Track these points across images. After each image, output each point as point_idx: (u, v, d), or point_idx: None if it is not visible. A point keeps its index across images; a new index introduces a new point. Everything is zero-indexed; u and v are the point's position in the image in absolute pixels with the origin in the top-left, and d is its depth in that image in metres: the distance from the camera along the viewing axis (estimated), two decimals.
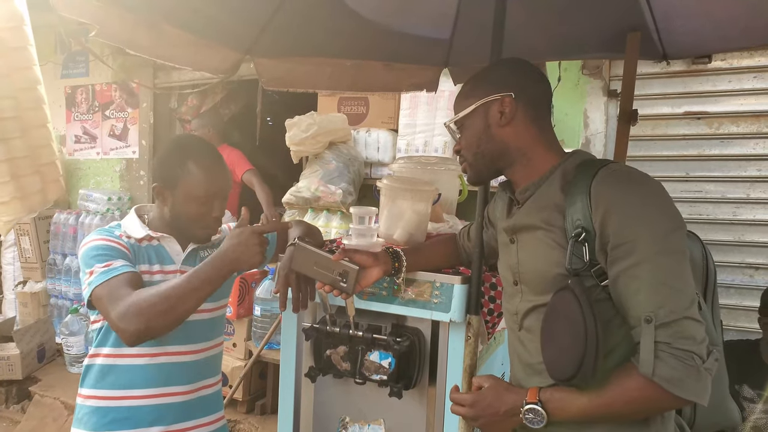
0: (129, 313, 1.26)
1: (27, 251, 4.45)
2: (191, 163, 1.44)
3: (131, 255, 1.42)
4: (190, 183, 1.44)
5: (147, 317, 1.26)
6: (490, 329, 1.52)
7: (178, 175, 1.44)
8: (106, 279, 1.33)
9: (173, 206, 1.47)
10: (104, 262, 1.36)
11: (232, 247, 1.33)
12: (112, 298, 1.29)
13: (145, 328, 1.26)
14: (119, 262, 1.37)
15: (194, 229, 1.49)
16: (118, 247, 1.41)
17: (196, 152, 1.47)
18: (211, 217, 1.48)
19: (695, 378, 0.94)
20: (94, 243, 1.41)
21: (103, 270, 1.34)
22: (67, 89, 4.78)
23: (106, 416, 1.43)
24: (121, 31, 1.52)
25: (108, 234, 1.45)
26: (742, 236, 2.74)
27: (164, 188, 1.47)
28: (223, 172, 1.51)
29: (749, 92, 2.70)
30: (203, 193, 1.44)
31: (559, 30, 1.95)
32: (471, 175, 1.24)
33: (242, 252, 1.32)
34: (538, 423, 1.05)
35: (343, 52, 2.10)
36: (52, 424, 3.42)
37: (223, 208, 1.51)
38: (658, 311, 0.95)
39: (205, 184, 1.44)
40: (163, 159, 1.49)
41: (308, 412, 1.68)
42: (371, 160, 3.43)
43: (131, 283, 1.33)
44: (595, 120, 2.97)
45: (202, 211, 1.46)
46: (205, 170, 1.45)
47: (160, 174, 1.48)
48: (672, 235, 0.99)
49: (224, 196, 1.51)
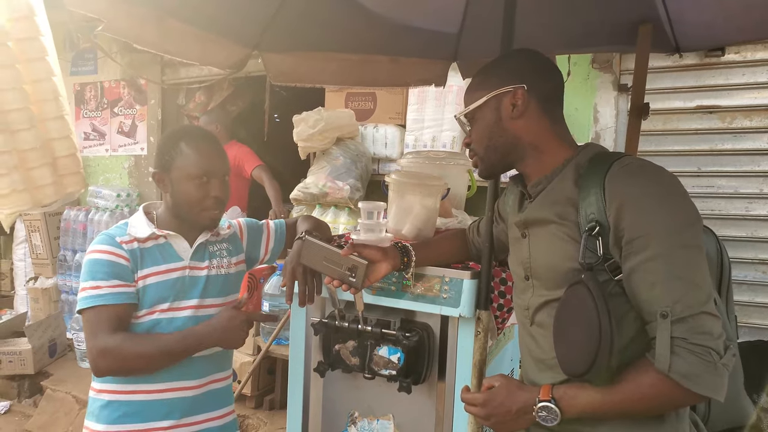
0: (108, 355, 1.36)
1: (38, 247, 4.48)
2: (183, 144, 1.46)
3: (131, 264, 1.43)
4: (183, 163, 1.45)
5: (123, 367, 1.39)
6: (500, 324, 1.51)
7: (173, 157, 1.46)
8: (91, 305, 1.39)
9: (173, 191, 1.48)
10: (95, 281, 1.40)
11: (221, 330, 1.42)
12: (93, 330, 1.38)
13: (117, 373, 1.42)
14: (110, 284, 1.40)
15: (195, 213, 1.48)
16: (116, 260, 1.42)
17: (187, 134, 1.49)
18: (210, 198, 1.46)
19: (712, 373, 0.92)
20: (92, 256, 1.43)
21: (92, 294, 1.39)
22: (76, 86, 4.81)
23: (118, 410, 1.45)
24: (129, 25, 1.52)
25: (110, 243, 1.44)
26: (755, 232, 2.70)
27: (162, 173, 1.49)
28: (217, 152, 1.50)
29: (763, 86, 2.66)
30: (197, 171, 1.44)
31: (569, 22, 1.93)
32: (482, 169, 1.22)
33: (229, 336, 1.44)
34: (552, 420, 1.04)
35: (350, 47, 2.08)
36: (63, 418, 3.45)
37: (222, 190, 1.49)
38: (675, 306, 0.94)
39: (198, 161, 1.45)
40: (159, 146, 1.51)
41: (317, 407, 1.68)
42: (379, 156, 3.42)
43: (116, 316, 1.39)
44: (605, 115, 2.94)
45: (200, 192, 1.45)
46: (197, 149, 1.46)
47: (157, 161, 1.50)
48: (688, 229, 0.98)
49: (221, 176, 1.49)
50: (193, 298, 1.49)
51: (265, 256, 1.73)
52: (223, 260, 1.57)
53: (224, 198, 1.50)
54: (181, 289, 1.47)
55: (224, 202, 1.51)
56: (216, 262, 1.55)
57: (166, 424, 1.46)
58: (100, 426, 1.45)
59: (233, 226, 1.67)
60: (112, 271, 1.41)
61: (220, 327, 1.43)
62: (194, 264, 1.51)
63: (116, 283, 1.41)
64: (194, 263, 1.51)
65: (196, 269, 1.51)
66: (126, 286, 1.42)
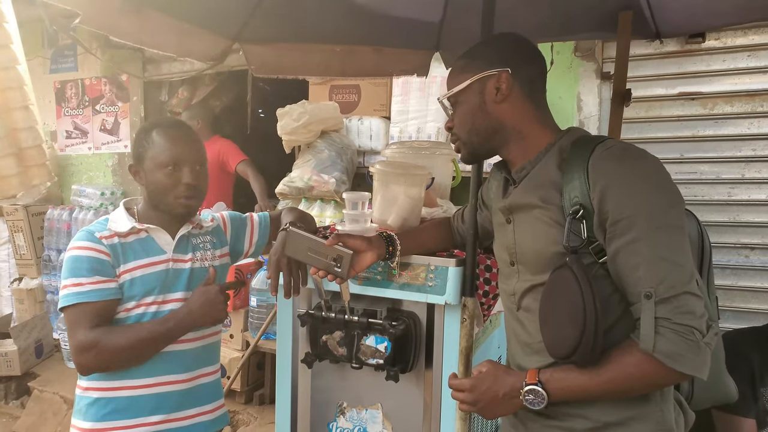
0: (91, 351, 1.35)
1: (21, 248, 4.42)
2: (154, 134, 1.47)
3: (112, 259, 1.42)
4: (154, 151, 1.45)
5: (106, 361, 1.38)
6: (486, 311, 1.52)
7: (144, 147, 1.46)
8: (73, 303, 1.38)
9: (146, 182, 1.47)
10: (77, 278, 1.39)
11: (198, 306, 1.42)
12: (75, 328, 1.37)
13: (102, 368, 1.40)
14: (91, 281, 1.39)
15: (168, 201, 1.46)
16: (96, 256, 1.41)
17: (159, 125, 1.50)
18: (182, 185, 1.45)
19: (695, 353, 0.93)
20: (72, 253, 1.42)
21: (73, 292, 1.39)
22: (56, 84, 4.73)
23: (106, 407, 1.43)
24: (105, 17, 1.49)
25: (89, 239, 1.43)
26: (737, 217, 2.73)
27: (136, 165, 1.49)
28: (187, 139, 1.49)
29: (743, 71, 2.68)
30: (167, 158, 1.44)
31: (550, 10, 1.93)
32: (464, 154, 1.22)
33: (208, 311, 1.43)
34: (539, 404, 1.05)
35: (333, 37, 2.07)
36: (52, 418, 3.42)
37: (195, 177, 1.46)
38: (658, 287, 0.95)
39: (167, 149, 1.44)
40: (134, 139, 1.52)
41: (306, 398, 1.68)
42: (364, 148, 3.40)
43: (97, 313, 1.38)
44: (588, 103, 2.96)
45: (170, 179, 1.44)
46: (167, 137, 1.46)
47: (132, 154, 1.51)
48: (671, 210, 0.98)
49: (192, 163, 1.46)
50: (178, 291, 1.48)
51: (249, 248, 1.72)
52: (207, 252, 1.56)
53: (198, 185, 1.47)
54: (166, 282, 1.46)
55: (199, 189, 1.48)
56: (200, 255, 1.54)
57: (155, 419, 1.45)
58: (87, 423, 1.44)
59: (216, 219, 1.66)
60: (92, 267, 1.40)
61: (198, 303, 1.42)
62: (177, 257, 1.49)
63: (97, 279, 1.39)
64: (177, 256, 1.50)
65: (179, 262, 1.50)
66: (107, 281, 1.41)
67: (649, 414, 1.05)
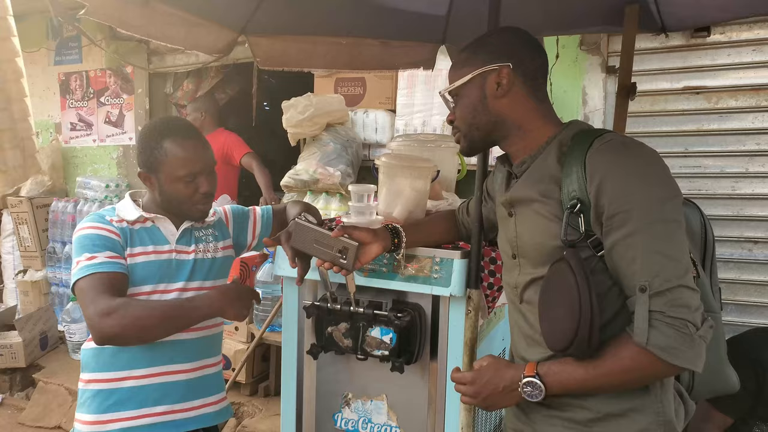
0: (115, 314, 1.30)
1: (26, 240, 4.44)
2: (168, 143, 1.43)
3: (122, 240, 1.43)
4: (170, 164, 1.43)
5: (127, 327, 1.31)
6: (490, 303, 1.53)
7: (157, 158, 1.43)
8: (88, 273, 1.35)
9: (161, 190, 1.47)
10: (90, 253, 1.38)
11: (231, 297, 1.40)
12: (93, 294, 1.33)
13: (120, 336, 1.33)
14: (104, 255, 1.38)
15: (185, 209, 1.49)
16: (107, 234, 1.42)
17: (170, 132, 1.45)
18: (200, 194, 1.47)
19: (689, 346, 0.94)
20: (83, 232, 1.42)
21: (87, 264, 1.36)
22: (60, 76, 4.74)
23: (109, 398, 1.44)
24: (112, 9, 1.50)
25: (99, 220, 1.45)
26: (741, 210, 2.74)
27: (148, 173, 1.47)
28: (201, 147, 1.48)
29: (748, 65, 2.68)
30: (185, 172, 1.43)
31: (557, 4, 1.93)
32: (464, 146, 1.23)
33: (237, 303, 1.40)
34: (537, 396, 1.06)
35: (339, 30, 2.07)
36: (57, 410, 3.44)
37: (210, 183, 1.49)
38: (653, 280, 0.95)
39: (186, 162, 1.43)
40: (141, 144, 1.47)
41: (311, 389, 1.69)
42: (369, 141, 3.41)
43: (113, 284, 1.36)
44: (593, 97, 2.95)
45: (189, 190, 1.45)
46: (183, 148, 1.43)
47: (142, 160, 1.47)
48: (667, 203, 0.99)
49: (208, 171, 1.48)
50: (179, 281, 1.49)
51: (252, 241, 1.73)
52: (209, 245, 1.57)
53: (213, 191, 1.50)
54: (168, 272, 1.48)
55: (213, 194, 1.51)
56: (202, 247, 1.55)
57: (160, 410, 1.46)
58: (90, 416, 1.44)
59: (218, 213, 1.67)
60: (104, 243, 1.40)
61: (232, 292, 1.41)
62: (181, 248, 1.51)
63: (111, 255, 1.40)
64: (181, 247, 1.51)
65: (183, 253, 1.51)
66: (120, 258, 1.41)
67: (649, 405, 1.06)
